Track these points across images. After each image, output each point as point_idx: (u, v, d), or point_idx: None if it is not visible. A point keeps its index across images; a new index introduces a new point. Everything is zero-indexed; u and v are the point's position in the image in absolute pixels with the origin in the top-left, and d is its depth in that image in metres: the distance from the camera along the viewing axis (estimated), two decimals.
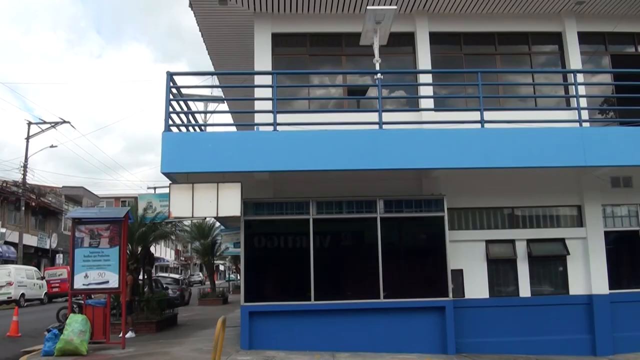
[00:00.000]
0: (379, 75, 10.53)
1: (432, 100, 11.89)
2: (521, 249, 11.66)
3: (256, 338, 10.57)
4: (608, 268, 11.73)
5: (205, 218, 27.07)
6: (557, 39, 13.35)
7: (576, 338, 11.36)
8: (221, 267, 78.08)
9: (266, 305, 10.69)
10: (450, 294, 10.80)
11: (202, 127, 13.04)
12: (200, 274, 66.81)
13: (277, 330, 10.65)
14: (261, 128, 10.73)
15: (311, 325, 10.69)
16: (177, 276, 37.41)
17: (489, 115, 10.53)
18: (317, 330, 10.67)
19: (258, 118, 11.28)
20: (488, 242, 11.66)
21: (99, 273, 11.05)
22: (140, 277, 16.25)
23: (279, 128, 10.01)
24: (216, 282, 36.50)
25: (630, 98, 11.47)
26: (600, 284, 11.60)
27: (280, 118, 10.18)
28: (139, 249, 15.76)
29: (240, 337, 10.61)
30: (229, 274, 66.18)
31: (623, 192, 12.20)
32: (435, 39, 12.78)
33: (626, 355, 11.21)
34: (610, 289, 11.64)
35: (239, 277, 12.19)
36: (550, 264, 11.80)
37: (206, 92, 18.74)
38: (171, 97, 9.98)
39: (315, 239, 10.97)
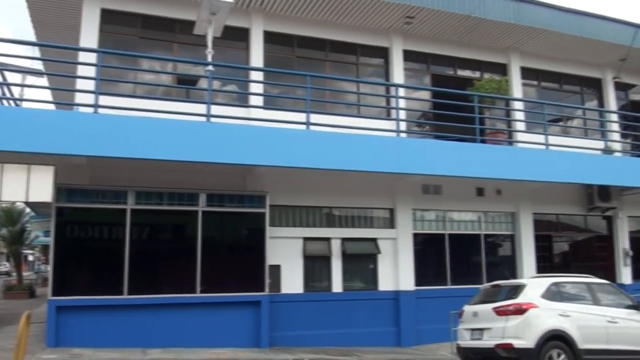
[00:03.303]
0: (210, 67, 11.27)
1: (261, 98, 12.96)
2: (336, 247, 13.28)
3: (64, 335, 10.56)
4: (415, 267, 13.86)
5: (15, 202, 25.55)
6: (384, 53, 15.32)
7: (383, 330, 13.25)
8: (30, 258, 72.47)
9: (76, 299, 10.72)
10: (267, 289, 11.91)
11: (17, 102, 12.68)
12: (7, 264, 61.52)
13: (87, 326, 10.73)
14: (81, 109, 10.86)
15: (123, 321, 10.95)
16: None
17: (315, 118, 11.84)
18: (129, 325, 10.95)
19: (79, 98, 11.25)
20: (306, 239, 13.07)
21: None
22: None
23: (100, 111, 10.21)
24: (24, 273, 34.27)
25: (445, 115, 13.53)
26: (407, 281, 13.65)
27: (103, 100, 10.40)
28: None
29: (46, 334, 10.55)
30: (38, 265, 61.80)
31: (432, 198, 14.44)
32: (270, 38, 13.95)
33: (428, 345, 13.29)
34: (416, 285, 13.77)
35: (48, 269, 11.90)
36: (362, 262, 13.62)
37: (25, 63, 17.90)
38: None
39: (133, 230, 11.27)
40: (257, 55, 13.57)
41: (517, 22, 15.16)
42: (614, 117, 17.67)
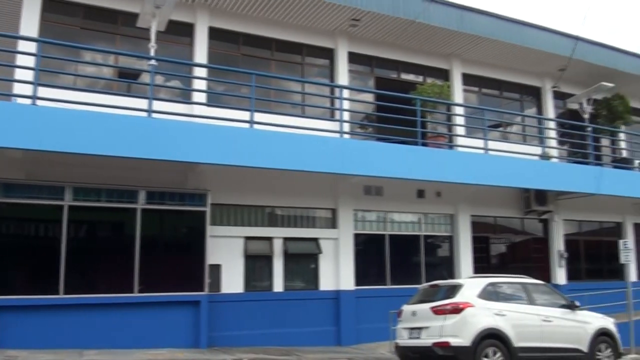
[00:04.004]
0: (153, 61, 11.31)
1: (205, 95, 13.08)
2: (278, 247, 13.53)
3: None
4: (355, 267, 14.27)
5: None
6: (329, 54, 15.70)
7: (324, 330, 13.60)
8: None
9: (10, 299, 10.46)
10: (206, 289, 12.00)
11: None
12: None
13: (22, 326, 10.51)
14: (19, 100, 10.64)
15: (60, 321, 10.80)
16: None
17: (259, 116, 12.04)
18: (66, 326, 10.81)
19: (17, 89, 11.02)
20: (247, 238, 13.24)
21: None
22: None
23: (39, 103, 10.09)
24: None
25: (388, 117, 14.00)
26: (347, 281, 14.05)
27: (42, 92, 10.27)
28: None
29: None
30: None
31: (374, 199, 14.88)
32: (215, 34, 14.07)
33: (368, 344, 13.69)
34: (356, 285, 14.17)
35: None
36: (303, 261, 13.93)
37: None
38: None
39: (70, 227, 11.14)
40: (201, 51, 13.66)
41: (459, 30, 15.83)
42: (552, 124, 18.59)
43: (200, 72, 13.31)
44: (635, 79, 19.44)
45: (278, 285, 13.38)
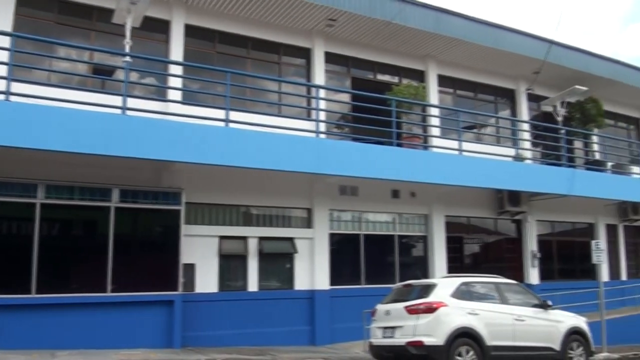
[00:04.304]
0: (127, 58, 11.27)
1: (180, 92, 13.08)
2: (253, 246, 13.59)
3: None
4: (330, 266, 14.41)
5: None
6: (306, 54, 15.81)
7: (298, 329, 13.72)
8: None
9: None
10: (180, 288, 12.00)
11: None
12: None
13: None
14: None
15: (32, 321, 10.72)
16: None
17: (234, 115, 12.08)
18: (38, 326, 10.74)
19: None
20: (222, 237, 13.28)
21: None
22: None
23: (12, 98, 9.98)
24: None
25: (364, 118, 14.14)
26: (322, 280, 14.19)
27: (16, 87, 10.14)
28: None
29: None
30: None
31: (349, 199, 15.04)
32: (191, 32, 14.07)
33: (342, 344, 13.84)
34: (331, 285, 14.32)
35: None
36: (278, 261, 14.02)
37: None
38: None
39: (42, 225, 11.05)
40: (177, 48, 13.66)
41: (435, 31, 16.07)
42: (526, 126, 18.95)
43: (176, 69, 13.30)
44: (608, 83, 19.93)
45: (253, 284, 13.45)
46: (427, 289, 10.52)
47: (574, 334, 11.44)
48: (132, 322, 11.53)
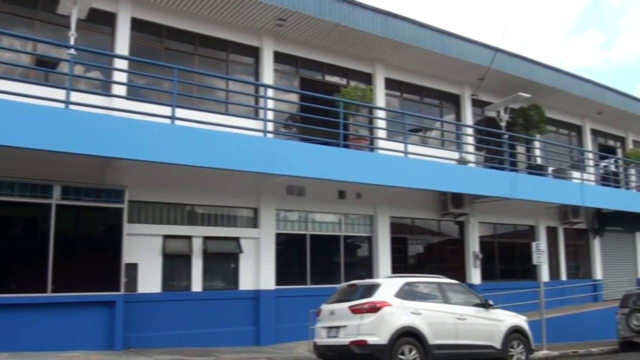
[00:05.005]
0: (72, 50, 11.11)
1: (125, 87, 12.95)
2: (197, 246, 13.59)
3: None
4: (276, 266, 14.53)
5: None
6: (254, 53, 15.90)
7: (243, 330, 13.81)
8: None
9: None
10: (123, 288, 11.88)
11: None
12: None
13: None
14: None
15: None
16: None
17: (181, 112, 12.07)
18: None
19: None
20: (165, 237, 13.22)
21: None
22: None
23: None
24: None
25: (311, 118, 14.33)
26: (267, 281, 14.31)
27: None
28: None
29: None
30: None
31: (296, 199, 15.23)
32: (138, 26, 13.92)
33: (287, 344, 13.98)
34: (276, 285, 14.44)
35: None
36: (223, 261, 14.07)
37: None
38: None
39: None
40: (123, 42, 13.49)
41: (384, 35, 16.44)
42: (470, 130, 19.51)
43: (122, 64, 13.14)
44: (551, 90, 20.83)
45: (197, 284, 13.44)
46: (371, 289, 10.74)
47: (515, 332, 11.88)
48: (73, 323, 11.36)
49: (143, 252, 12.73)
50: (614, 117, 24.75)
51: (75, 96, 11.00)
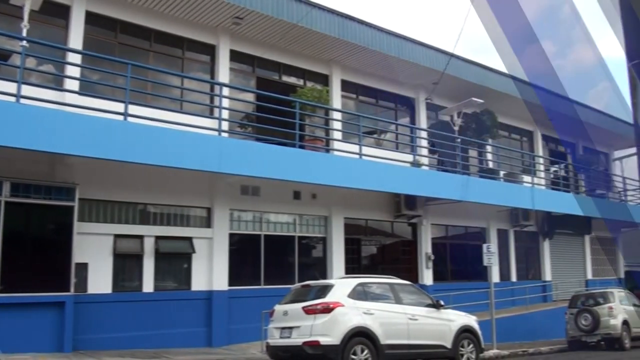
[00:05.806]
0: (24, 42, 10.92)
1: (78, 82, 12.77)
2: (149, 245, 13.54)
3: None
4: (230, 267, 14.59)
5: None
6: (211, 51, 15.93)
7: (195, 331, 13.82)
8: None
9: None
10: (72, 289, 11.73)
11: None
12: None
13: None
14: None
15: None
16: None
17: (134, 109, 12.02)
18: None
19: None
20: (117, 236, 13.12)
21: None
22: None
23: None
24: None
25: (267, 118, 14.46)
26: (220, 281, 14.35)
27: None
28: None
29: None
30: None
31: (251, 199, 15.32)
32: (92, 19, 13.75)
33: (239, 345, 14.07)
34: (229, 285, 14.50)
35: None
36: (176, 261, 14.09)
37: None
38: None
39: None
40: (76, 36, 13.31)
41: (340, 37, 16.71)
42: (424, 134, 19.95)
43: (75, 58, 12.91)
44: (503, 96, 21.42)
45: (148, 285, 13.38)
46: (324, 290, 10.89)
47: (465, 332, 12.19)
48: (21, 324, 11.13)
49: (93, 252, 12.60)
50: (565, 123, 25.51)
51: (26, 90, 10.84)
